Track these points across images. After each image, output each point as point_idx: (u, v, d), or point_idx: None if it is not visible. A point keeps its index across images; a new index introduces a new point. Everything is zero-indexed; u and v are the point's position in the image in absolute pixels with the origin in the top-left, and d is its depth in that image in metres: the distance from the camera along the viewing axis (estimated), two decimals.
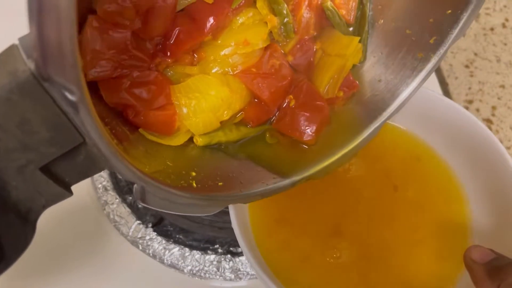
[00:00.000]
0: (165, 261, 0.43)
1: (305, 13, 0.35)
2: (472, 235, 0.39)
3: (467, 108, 0.59)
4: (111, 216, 0.45)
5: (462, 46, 0.64)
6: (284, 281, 0.34)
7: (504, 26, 0.66)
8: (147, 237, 0.44)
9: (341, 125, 0.36)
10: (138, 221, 0.45)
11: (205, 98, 0.31)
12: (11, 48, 0.19)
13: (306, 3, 0.35)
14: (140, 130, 0.30)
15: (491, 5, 0.68)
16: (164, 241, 0.44)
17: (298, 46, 0.36)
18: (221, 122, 0.33)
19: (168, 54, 0.30)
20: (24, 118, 0.19)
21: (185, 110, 0.31)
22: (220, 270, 0.43)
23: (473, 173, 0.41)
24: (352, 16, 0.37)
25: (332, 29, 0.37)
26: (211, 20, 0.30)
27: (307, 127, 0.35)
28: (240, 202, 0.32)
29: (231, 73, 0.33)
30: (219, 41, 0.32)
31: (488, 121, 0.58)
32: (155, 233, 0.44)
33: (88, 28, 0.26)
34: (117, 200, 0.46)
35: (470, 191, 0.41)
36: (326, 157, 0.34)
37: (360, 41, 0.37)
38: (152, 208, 0.25)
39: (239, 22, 0.33)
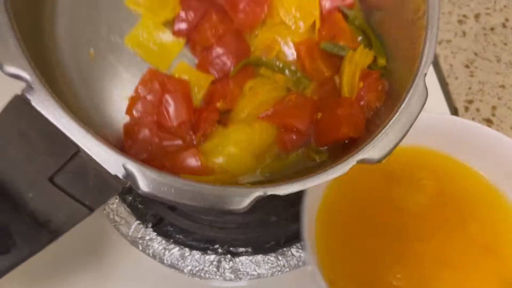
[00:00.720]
0: (165, 261, 0.43)
1: (310, 63, 0.38)
2: None
3: (467, 108, 0.59)
4: (111, 216, 0.45)
5: (462, 46, 0.64)
6: None
7: (504, 26, 0.66)
8: (147, 237, 0.44)
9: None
10: (138, 221, 0.45)
11: (228, 137, 0.35)
12: None
13: (305, 53, 0.38)
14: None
15: (491, 5, 0.68)
16: (164, 241, 0.44)
17: (318, 87, 0.38)
18: (257, 158, 0.35)
19: (195, 132, 0.36)
20: (22, 132, 0.23)
21: (211, 153, 0.35)
22: (220, 270, 0.43)
23: None
24: (356, 42, 0.39)
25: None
26: (220, 100, 0.37)
27: (343, 123, 0.34)
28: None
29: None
30: (239, 111, 0.37)
31: (488, 121, 0.58)
32: (155, 233, 0.44)
33: (124, 130, 0.35)
34: (117, 200, 0.46)
35: None
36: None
37: (371, 49, 0.38)
38: (160, 197, 0.25)
39: (249, 87, 0.37)
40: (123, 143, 0.34)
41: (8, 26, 0.24)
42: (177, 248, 0.44)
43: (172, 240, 0.44)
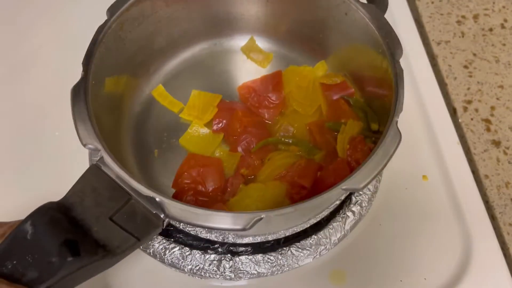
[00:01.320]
0: (166, 260, 0.44)
1: (319, 137, 0.49)
2: None
3: (465, 108, 0.59)
4: None
5: (461, 46, 0.64)
6: None
7: (503, 26, 0.66)
8: None
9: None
10: None
11: (246, 193, 0.45)
12: None
13: (315, 130, 0.49)
14: None
15: (490, 6, 0.68)
16: (164, 241, 0.44)
17: (326, 155, 0.48)
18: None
19: (224, 193, 0.47)
20: (94, 186, 0.34)
21: (234, 206, 0.44)
22: (220, 269, 0.44)
23: None
24: (355, 119, 0.49)
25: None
26: (244, 168, 0.48)
27: (331, 174, 0.43)
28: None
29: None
30: (259, 175, 0.47)
31: (487, 121, 0.58)
32: None
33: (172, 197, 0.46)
34: None
35: None
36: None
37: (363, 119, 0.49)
38: (180, 220, 0.34)
39: (268, 158, 0.48)
40: None
41: (90, 126, 0.37)
42: (177, 248, 0.44)
43: (172, 240, 0.45)
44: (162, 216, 0.34)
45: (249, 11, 0.54)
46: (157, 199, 0.34)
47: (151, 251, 0.44)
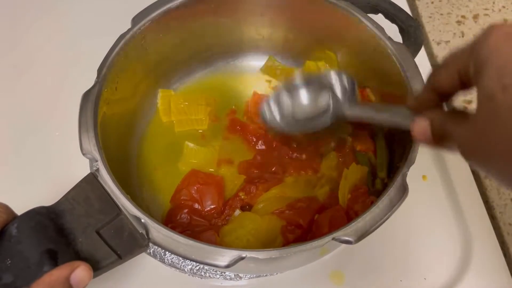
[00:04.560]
0: (166, 260, 0.44)
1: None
2: None
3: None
4: None
5: (461, 46, 0.64)
6: None
7: None
8: None
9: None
10: None
11: (241, 223, 0.44)
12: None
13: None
14: None
15: (489, 6, 0.68)
16: None
17: (330, 192, 0.46)
18: (264, 246, 0.42)
19: (220, 215, 0.46)
20: (87, 196, 0.34)
21: (226, 235, 0.43)
22: (220, 269, 0.44)
23: None
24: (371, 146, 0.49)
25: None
26: (244, 193, 0.47)
27: (326, 223, 0.42)
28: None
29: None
30: (257, 204, 0.46)
31: None
32: None
33: (167, 214, 0.46)
34: None
35: None
36: None
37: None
38: (161, 246, 0.33)
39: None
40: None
41: (93, 135, 0.37)
42: None
43: None
44: (147, 237, 0.34)
45: (277, 32, 0.54)
46: (142, 220, 0.33)
47: (151, 251, 0.44)
